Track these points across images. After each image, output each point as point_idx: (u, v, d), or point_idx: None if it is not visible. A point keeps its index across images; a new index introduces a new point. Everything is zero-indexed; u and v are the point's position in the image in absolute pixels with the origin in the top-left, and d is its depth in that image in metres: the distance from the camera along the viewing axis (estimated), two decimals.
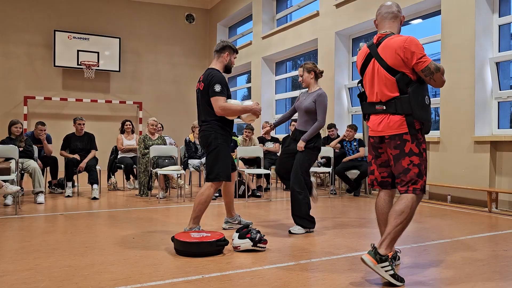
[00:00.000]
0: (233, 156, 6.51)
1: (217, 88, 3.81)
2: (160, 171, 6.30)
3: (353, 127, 7.26)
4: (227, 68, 4.09)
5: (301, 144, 4.22)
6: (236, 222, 4.35)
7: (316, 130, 4.23)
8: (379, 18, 3.02)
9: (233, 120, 4.06)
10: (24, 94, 11.83)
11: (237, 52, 4.18)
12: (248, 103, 4.00)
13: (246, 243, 3.42)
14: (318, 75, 4.39)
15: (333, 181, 7.43)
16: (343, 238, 3.95)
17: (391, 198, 2.99)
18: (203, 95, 3.92)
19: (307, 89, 4.44)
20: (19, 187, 5.26)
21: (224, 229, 4.33)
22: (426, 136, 6.85)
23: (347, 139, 7.31)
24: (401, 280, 2.65)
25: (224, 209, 5.51)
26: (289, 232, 4.18)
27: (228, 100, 3.92)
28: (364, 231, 4.29)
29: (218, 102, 3.81)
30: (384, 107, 2.80)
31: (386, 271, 2.61)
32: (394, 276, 2.62)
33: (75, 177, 6.94)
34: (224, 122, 3.94)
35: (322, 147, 7.43)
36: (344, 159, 7.17)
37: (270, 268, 3.00)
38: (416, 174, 2.77)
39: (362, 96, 3.01)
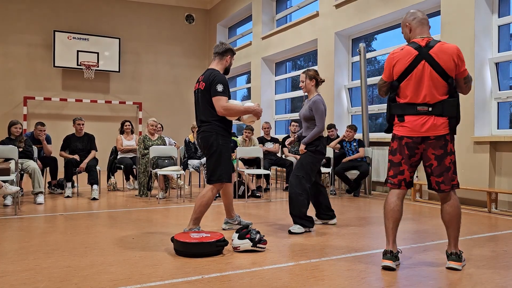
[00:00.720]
0: (233, 157, 6.51)
1: (220, 88, 3.82)
2: (160, 172, 6.30)
3: (352, 128, 7.27)
4: (227, 70, 4.13)
5: (301, 147, 4.34)
6: (236, 222, 4.35)
7: (315, 134, 4.29)
8: (415, 22, 3.07)
9: (232, 121, 4.06)
10: (24, 95, 11.83)
11: (235, 54, 4.23)
12: (249, 104, 4.01)
13: (246, 244, 3.42)
14: (319, 83, 4.47)
15: (332, 181, 7.43)
16: (343, 239, 3.95)
17: (403, 198, 3.09)
18: (203, 95, 3.90)
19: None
20: (18, 188, 5.26)
21: (224, 229, 4.33)
22: None
23: (346, 140, 7.31)
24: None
25: (223, 209, 5.52)
26: (289, 231, 4.19)
27: (229, 100, 3.92)
28: (364, 231, 4.29)
29: (221, 102, 3.81)
30: (430, 109, 2.92)
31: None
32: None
33: (74, 177, 6.94)
34: (224, 122, 3.93)
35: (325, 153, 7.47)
36: (344, 160, 7.17)
37: (269, 268, 3.00)
38: (453, 172, 3.01)
39: (393, 97, 3.04)
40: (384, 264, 2.96)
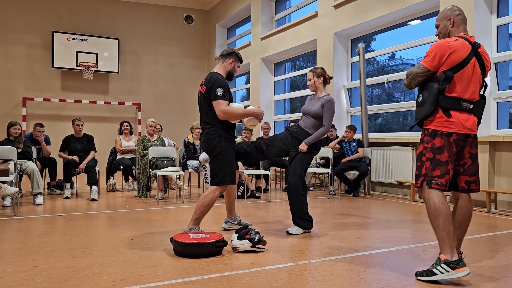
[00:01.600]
0: None
1: (219, 92, 3.81)
2: (159, 172, 6.29)
3: (352, 128, 7.27)
4: (230, 75, 4.08)
5: (303, 147, 4.24)
6: (236, 222, 4.35)
7: (321, 135, 4.26)
8: (460, 18, 2.98)
9: (235, 123, 4.06)
10: (23, 96, 11.83)
11: (241, 62, 4.16)
12: (250, 107, 4.02)
13: (245, 244, 3.42)
14: (326, 80, 4.42)
15: (332, 181, 7.43)
16: (342, 239, 3.95)
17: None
18: (205, 98, 3.91)
19: (314, 93, 4.45)
20: (17, 189, 5.25)
21: (223, 229, 4.32)
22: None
23: (346, 140, 7.31)
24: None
25: (223, 210, 5.51)
26: (287, 232, 4.19)
27: (230, 104, 3.92)
28: (363, 232, 4.29)
29: (220, 106, 3.81)
30: (472, 106, 2.85)
31: None
32: None
33: (73, 178, 6.93)
34: (227, 125, 3.94)
35: (321, 148, 7.47)
36: (343, 160, 7.17)
37: (269, 269, 3.00)
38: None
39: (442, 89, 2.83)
40: (466, 271, 2.65)
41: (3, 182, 5.21)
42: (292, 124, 7.94)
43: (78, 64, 12.03)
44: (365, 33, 8.31)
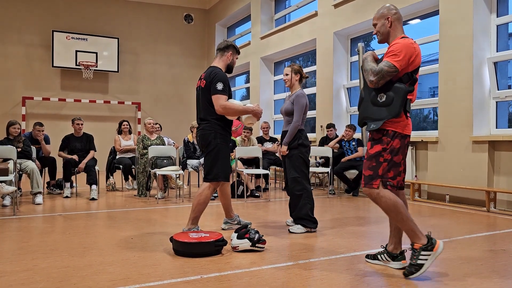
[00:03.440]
0: (232, 156, 6.51)
1: (219, 86, 3.79)
2: (159, 172, 6.29)
3: (351, 127, 7.27)
4: (229, 68, 4.07)
5: (283, 149, 4.27)
6: (235, 222, 4.35)
7: (293, 131, 4.23)
8: (397, 17, 2.98)
9: (232, 121, 4.04)
10: (22, 95, 11.82)
11: (239, 53, 4.17)
12: (248, 105, 3.99)
13: (245, 243, 3.42)
14: (302, 78, 4.44)
15: (331, 181, 7.43)
16: (342, 238, 3.95)
17: None
18: (204, 92, 3.89)
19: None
20: (15, 188, 5.25)
21: (223, 229, 4.32)
22: (424, 135, 6.87)
23: (345, 139, 7.31)
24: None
25: (222, 209, 5.51)
26: (289, 231, 4.19)
27: (230, 100, 3.90)
28: (363, 231, 4.29)
29: (220, 101, 3.79)
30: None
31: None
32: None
33: (73, 177, 6.93)
34: (224, 122, 3.92)
35: (321, 147, 7.49)
36: (343, 159, 7.17)
37: (268, 268, 3.00)
38: None
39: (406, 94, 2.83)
40: (441, 244, 2.77)
41: (3, 182, 5.21)
42: None
43: (77, 63, 12.02)
44: (365, 32, 8.31)
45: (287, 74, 4.40)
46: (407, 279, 2.78)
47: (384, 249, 3.10)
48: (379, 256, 3.09)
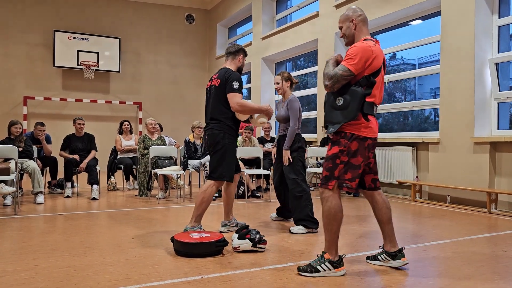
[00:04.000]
0: None
1: (235, 85, 3.88)
2: (160, 172, 6.30)
3: None
4: (239, 70, 4.19)
5: (287, 154, 4.43)
6: (234, 225, 4.34)
7: (291, 136, 4.44)
8: (361, 19, 2.97)
9: (240, 122, 4.09)
10: (24, 94, 11.83)
11: (247, 55, 4.30)
12: (262, 104, 4.09)
13: (246, 244, 3.42)
14: (293, 84, 4.67)
15: None
16: (342, 239, 3.95)
17: None
18: (217, 91, 3.94)
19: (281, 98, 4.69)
20: (14, 189, 5.25)
21: (221, 232, 4.31)
22: (425, 136, 6.86)
23: None
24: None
25: (222, 210, 5.51)
26: (290, 231, 4.20)
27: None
28: (364, 232, 4.29)
29: (236, 98, 3.86)
30: (376, 111, 2.94)
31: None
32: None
33: (74, 177, 6.93)
34: (233, 122, 3.98)
35: (322, 148, 7.48)
36: None
37: (269, 268, 3.00)
38: None
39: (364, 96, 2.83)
40: (343, 271, 2.87)
41: (4, 181, 5.22)
42: None
43: (79, 63, 12.03)
44: None
45: (278, 83, 4.63)
46: (299, 274, 2.85)
47: (382, 249, 3.11)
48: (379, 257, 3.10)
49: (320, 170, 7.42)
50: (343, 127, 2.85)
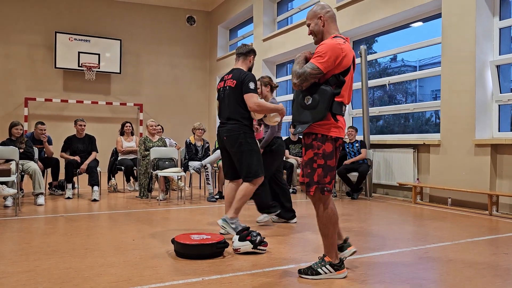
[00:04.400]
0: None
1: (252, 85, 3.94)
2: (161, 173, 6.30)
3: (354, 128, 7.29)
4: (249, 70, 4.25)
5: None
6: (234, 226, 4.32)
7: (269, 137, 4.67)
8: (330, 16, 2.90)
9: (252, 121, 4.16)
10: (25, 96, 11.84)
11: (256, 55, 4.36)
12: (277, 104, 4.22)
13: (246, 246, 3.42)
14: (273, 88, 4.86)
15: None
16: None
17: None
18: (234, 92, 3.98)
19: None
20: (15, 190, 5.25)
21: (222, 234, 4.30)
22: (426, 138, 6.86)
23: (348, 141, 7.30)
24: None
25: (223, 211, 5.50)
26: (257, 222, 4.59)
27: None
28: (365, 234, 4.28)
29: (253, 99, 3.92)
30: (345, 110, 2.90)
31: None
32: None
33: (75, 178, 6.93)
34: (250, 122, 4.06)
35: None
36: (346, 161, 7.14)
37: (270, 270, 3.00)
38: None
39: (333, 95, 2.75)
40: (345, 273, 2.85)
41: (5, 183, 5.22)
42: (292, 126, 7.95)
43: (80, 65, 12.05)
44: (367, 35, 8.31)
45: (258, 88, 4.70)
46: (300, 276, 2.84)
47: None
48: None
49: None
50: (313, 128, 2.78)
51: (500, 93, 6.00)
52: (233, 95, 3.99)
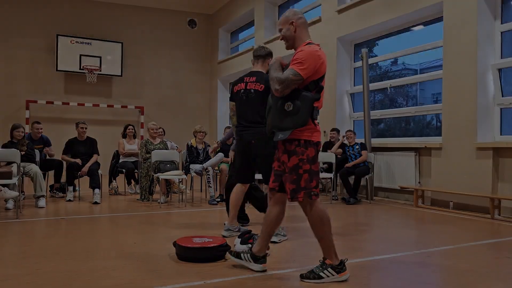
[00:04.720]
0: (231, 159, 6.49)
1: None
2: (162, 176, 6.29)
3: (352, 131, 7.31)
4: (267, 72, 4.21)
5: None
6: (237, 230, 4.32)
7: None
8: (302, 22, 2.92)
9: None
10: (26, 98, 11.86)
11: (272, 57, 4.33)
12: None
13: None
14: None
15: (334, 186, 7.41)
16: (345, 244, 3.93)
17: None
18: (262, 96, 3.92)
19: None
20: (17, 193, 5.25)
21: (224, 237, 4.29)
22: (428, 141, 6.85)
23: (348, 144, 7.30)
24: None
25: (224, 214, 5.50)
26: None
27: None
28: (366, 237, 4.27)
29: None
30: None
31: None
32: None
33: (76, 181, 6.93)
34: None
35: (324, 153, 7.46)
36: (347, 164, 7.11)
37: (272, 274, 2.99)
38: None
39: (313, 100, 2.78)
40: (347, 275, 2.84)
41: (6, 185, 5.22)
42: None
43: (81, 67, 12.07)
44: (368, 38, 8.32)
45: None
46: (302, 281, 2.82)
47: (249, 249, 3.10)
48: (242, 255, 3.05)
49: (322, 175, 7.39)
50: (296, 134, 2.78)
51: (502, 96, 5.99)
52: (261, 99, 3.92)
